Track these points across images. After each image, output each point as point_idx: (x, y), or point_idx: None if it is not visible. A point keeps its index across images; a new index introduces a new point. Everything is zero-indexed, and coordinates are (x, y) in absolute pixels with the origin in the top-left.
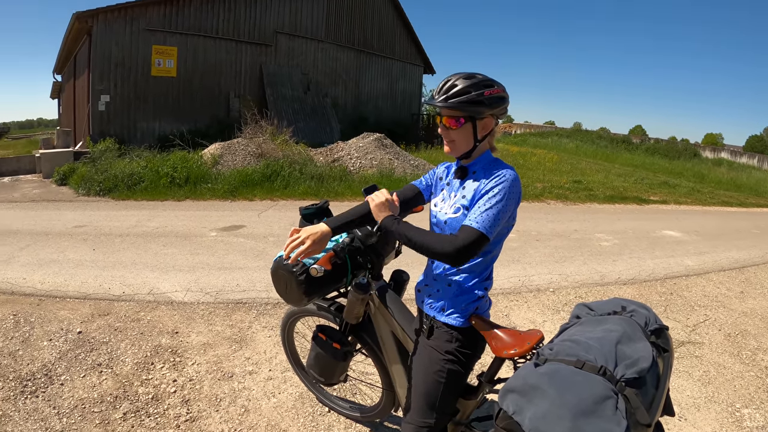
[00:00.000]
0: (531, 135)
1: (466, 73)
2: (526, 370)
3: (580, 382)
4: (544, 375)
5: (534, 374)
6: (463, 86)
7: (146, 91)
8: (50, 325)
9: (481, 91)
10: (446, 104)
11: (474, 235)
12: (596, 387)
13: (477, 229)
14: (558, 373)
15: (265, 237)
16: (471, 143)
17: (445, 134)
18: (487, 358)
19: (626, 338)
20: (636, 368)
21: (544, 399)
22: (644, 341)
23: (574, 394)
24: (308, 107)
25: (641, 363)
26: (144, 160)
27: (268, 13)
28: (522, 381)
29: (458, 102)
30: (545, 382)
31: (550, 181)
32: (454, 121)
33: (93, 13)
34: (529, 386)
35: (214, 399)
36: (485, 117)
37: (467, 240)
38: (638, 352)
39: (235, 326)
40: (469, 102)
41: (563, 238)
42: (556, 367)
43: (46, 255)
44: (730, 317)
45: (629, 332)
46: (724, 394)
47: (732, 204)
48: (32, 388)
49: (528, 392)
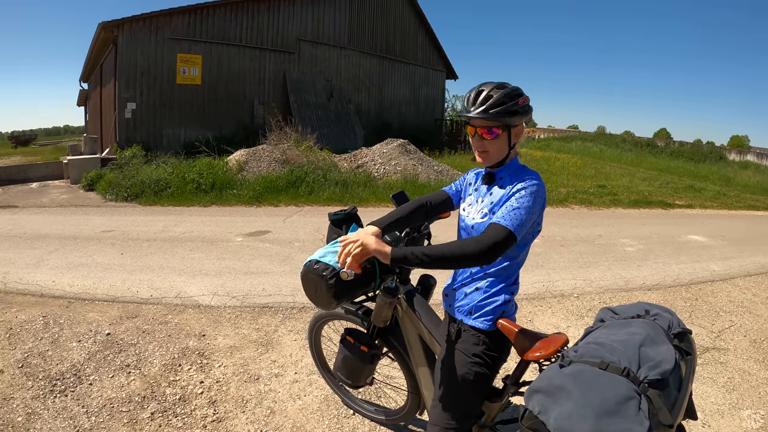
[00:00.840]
0: (554, 139)
1: (496, 83)
2: (551, 372)
3: (604, 383)
4: (568, 376)
5: (559, 375)
6: (498, 96)
7: (171, 99)
8: (79, 326)
9: (515, 100)
10: (486, 115)
11: (503, 233)
12: (620, 388)
13: (505, 227)
14: (582, 374)
15: (290, 242)
16: (505, 152)
17: (479, 144)
18: (511, 363)
19: (649, 341)
20: (659, 370)
21: (568, 399)
22: (667, 344)
23: (598, 394)
24: (332, 114)
25: (664, 365)
26: (170, 167)
27: (290, 20)
28: (547, 382)
29: (497, 113)
30: (570, 383)
31: (575, 186)
32: (487, 131)
33: (118, 22)
34: (554, 387)
35: (241, 400)
36: (518, 125)
37: (496, 237)
38: (661, 355)
39: (261, 330)
40: (507, 112)
41: (587, 243)
42: (580, 368)
43: (74, 258)
44: (756, 323)
45: (652, 335)
46: (749, 401)
47: (759, 208)
48: (61, 387)
49: (553, 393)
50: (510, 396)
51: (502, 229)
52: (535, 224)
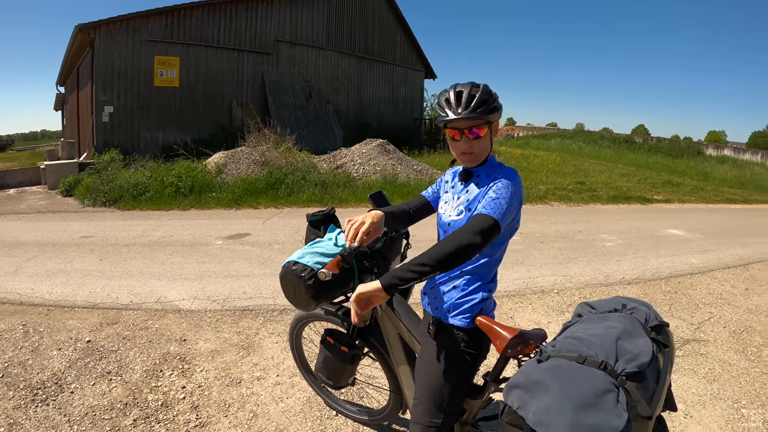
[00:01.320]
0: (533, 137)
1: (472, 83)
2: (529, 367)
3: (582, 377)
4: (546, 370)
5: (537, 370)
6: (481, 95)
7: (149, 102)
8: (59, 334)
9: (493, 96)
10: (476, 114)
11: (489, 221)
12: (597, 381)
13: (491, 215)
14: (560, 368)
15: (270, 244)
16: (488, 149)
17: (467, 146)
18: (491, 359)
19: (626, 334)
20: (636, 362)
21: (546, 393)
22: (644, 337)
23: (576, 387)
24: (311, 114)
25: (641, 357)
26: (148, 170)
27: (268, 21)
28: (526, 377)
29: (483, 111)
30: (548, 377)
31: (554, 183)
32: (478, 130)
33: (95, 25)
34: (532, 381)
35: (223, 405)
36: (496, 121)
37: (483, 224)
38: (638, 348)
39: (242, 333)
40: (490, 109)
41: (567, 239)
42: (558, 362)
43: (53, 265)
44: (735, 314)
45: (629, 329)
46: (730, 391)
47: (736, 201)
48: (42, 396)
49: (531, 387)
50: (491, 392)
51: (487, 218)
52: (514, 221)
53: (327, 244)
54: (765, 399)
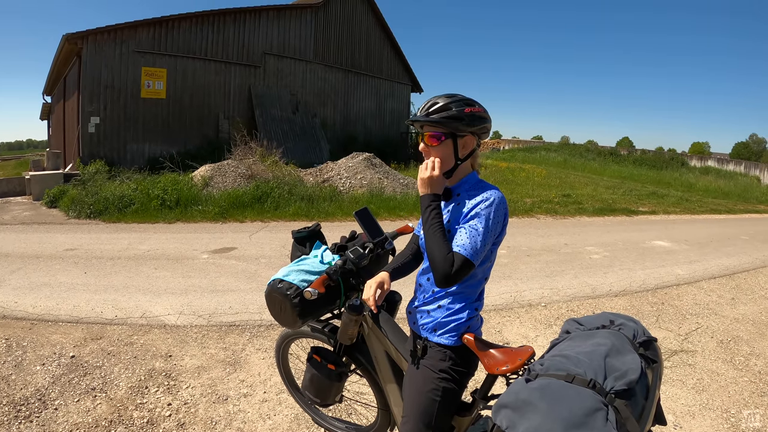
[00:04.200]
0: (519, 150)
1: (448, 93)
2: (517, 386)
3: (571, 396)
4: (535, 390)
5: (525, 389)
6: (445, 103)
7: (136, 113)
8: (43, 349)
9: (462, 108)
10: (428, 119)
11: (459, 262)
12: (586, 400)
13: (463, 256)
14: (549, 387)
15: (256, 259)
16: (452, 161)
17: (426, 153)
18: (480, 375)
19: (615, 351)
20: (625, 380)
21: (535, 413)
22: (633, 353)
23: (565, 407)
24: (297, 128)
25: (630, 375)
26: (134, 183)
27: (256, 34)
28: (514, 396)
29: (439, 117)
30: (536, 397)
31: (539, 196)
32: (435, 138)
33: (83, 34)
34: (521, 401)
35: (210, 422)
36: (465, 135)
37: (455, 266)
38: (627, 365)
39: (228, 349)
40: (450, 117)
41: (553, 252)
42: (546, 381)
43: (37, 278)
44: (722, 324)
45: (618, 345)
46: (719, 401)
47: (721, 211)
48: (26, 413)
49: (520, 407)
50: (479, 410)
51: (459, 258)
52: (500, 235)
53: (313, 262)
54: (754, 408)
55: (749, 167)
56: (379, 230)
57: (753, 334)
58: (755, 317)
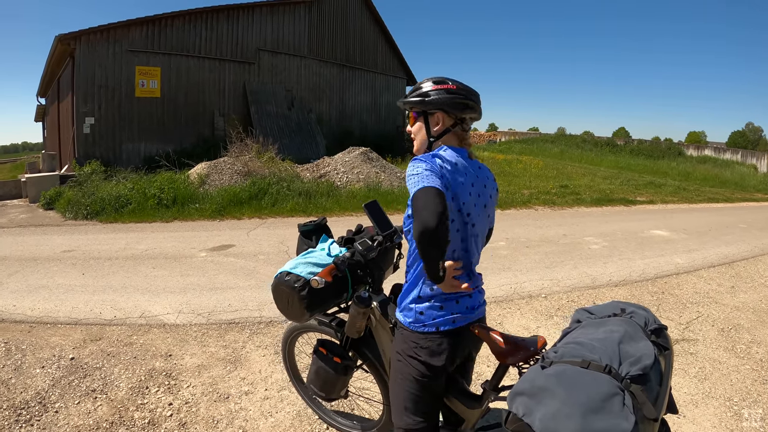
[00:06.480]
0: (516, 142)
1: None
2: (533, 373)
3: (588, 381)
4: (551, 376)
5: (541, 376)
6: (419, 83)
7: (131, 113)
8: (42, 351)
9: (431, 86)
10: (405, 100)
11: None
12: (603, 385)
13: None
14: (565, 373)
15: (255, 255)
16: (425, 140)
17: (409, 131)
18: (482, 366)
19: (628, 338)
20: (640, 365)
21: (553, 399)
22: (645, 340)
23: (582, 392)
24: (293, 123)
25: (644, 360)
26: (130, 182)
27: (250, 30)
28: (530, 383)
29: (411, 97)
30: (553, 383)
31: (537, 187)
32: (413, 118)
33: (75, 35)
34: (537, 388)
35: (211, 421)
36: (436, 112)
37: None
38: (641, 350)
39: (228, 347)
40: (419, 95)
41: (552, 243)
42: (562, 368)
43: (35, 281)
44: (723, 312)
45: (630, 332)
46: (721, 389)
47: (718, 200)
48: (27, 416)
49: (537, 394)
50: (490, 401)
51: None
52: (455, 210)
53: (320, 254)
54: (757, 396)
55: (746, 156)
56: (388, 223)
57: (754, 322)
58: (755, 305)
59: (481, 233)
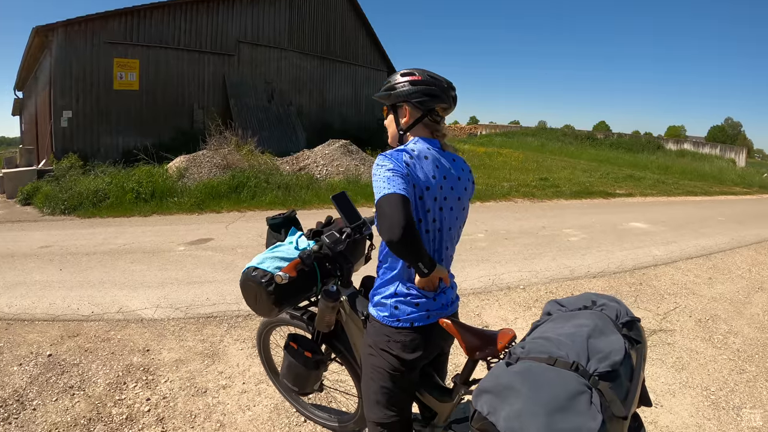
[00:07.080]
0: (497, 135)
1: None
2: (498, 370)
3: (553, 379)
4: (516, 374)
5: (507, 373)
6: (391, 76)
7: (109, 106)
8: (19, 349)
9: (397, 79)
10: (376, 95)
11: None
12: (569, 383)
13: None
14: (530, 371)
15: (233, 249)
16: (395, 132)
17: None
18: (460, 359)
19: (597, 332)
20: (608, 362)
21: (517, 398)
22: (616, 334)
23: (548, 391)
24: (273, 116)
25: (613, 356)
26: (108, 176)
27: (229, 22)
28: (495, 381)
29: (381, 92)
30: (518, 381)
31: (517, 180)
32: (386, 110)
33: (53, 27)
34: (502, 386)
35: (189, 415)
36: (402, 106)
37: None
38: (610, 346)
39: (206, 341)
40: (386, 89)
41: (532, 235)
42: (528, 365)
43: (12, 277)
44: (700, 303)
45: (600, 326)
46: (698, 379)
47: (697, 193)
48: (4, 414)
49: (501, 392)
50: (461, 395)
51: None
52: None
53: (288, 248)
54: (734, 385)
55: (724, 150)
56: (356, 215)
57: (730, 313)
58: (732, 296)
59: (454, 226)
